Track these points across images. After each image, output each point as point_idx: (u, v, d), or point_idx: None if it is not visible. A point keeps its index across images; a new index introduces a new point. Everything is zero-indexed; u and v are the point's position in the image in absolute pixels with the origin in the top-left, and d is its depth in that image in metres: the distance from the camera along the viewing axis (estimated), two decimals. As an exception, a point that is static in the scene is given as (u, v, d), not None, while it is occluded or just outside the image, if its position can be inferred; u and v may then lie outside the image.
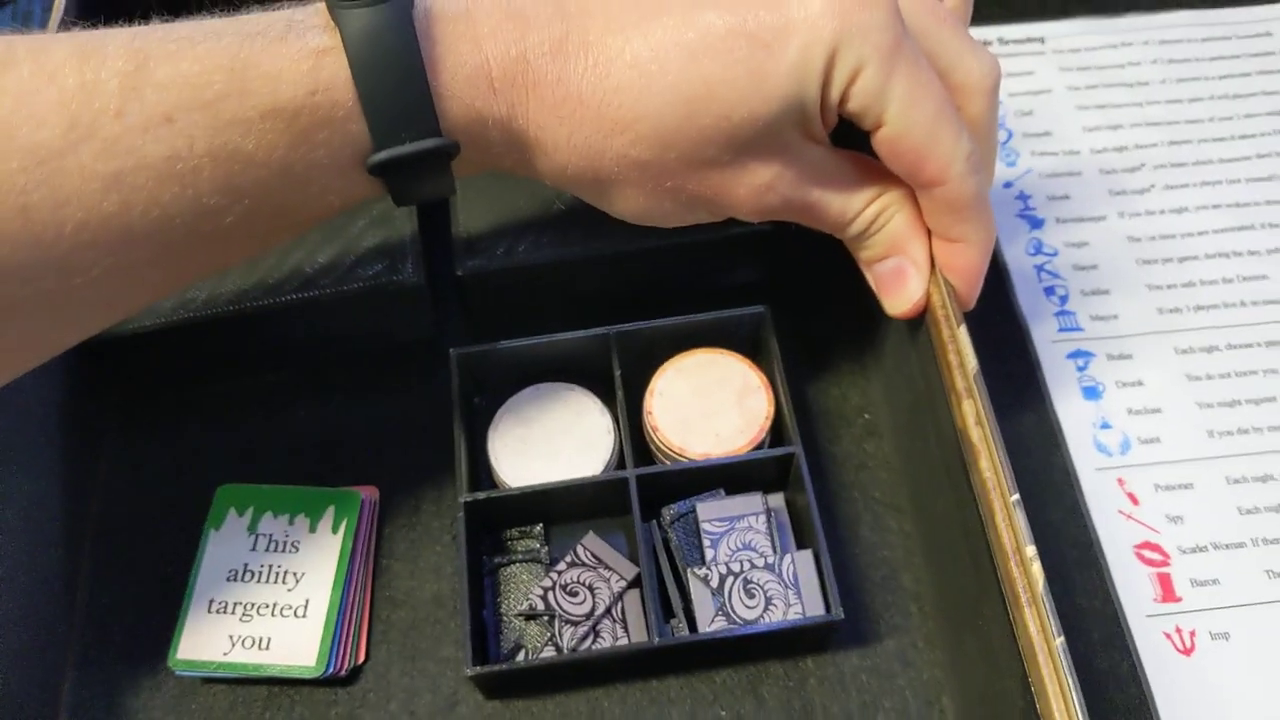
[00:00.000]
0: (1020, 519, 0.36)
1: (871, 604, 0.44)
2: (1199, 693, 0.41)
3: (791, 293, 0.52)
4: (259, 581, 0.44)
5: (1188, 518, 0.45)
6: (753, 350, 0.49)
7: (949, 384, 0.39)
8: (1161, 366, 0.49)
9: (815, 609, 0.41)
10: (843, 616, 0.40)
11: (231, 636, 0.42)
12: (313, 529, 0.45)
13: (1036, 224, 0.54)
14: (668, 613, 0.43)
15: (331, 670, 0.42)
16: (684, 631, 0.42)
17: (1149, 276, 0.52)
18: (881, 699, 0.42)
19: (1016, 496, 0.36)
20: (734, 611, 0.41)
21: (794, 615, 0.41)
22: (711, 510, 0.44)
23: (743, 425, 0.45)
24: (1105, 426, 0.48)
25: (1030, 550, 0.35)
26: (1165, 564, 0.44)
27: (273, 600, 0.43)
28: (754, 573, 0.42)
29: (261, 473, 0.48)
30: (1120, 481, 0.46)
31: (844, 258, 0.42)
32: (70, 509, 0.46)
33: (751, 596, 0.41)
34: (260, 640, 0.42)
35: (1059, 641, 0.33)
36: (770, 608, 0.41)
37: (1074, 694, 0.33)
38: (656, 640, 0.40)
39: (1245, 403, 0.48)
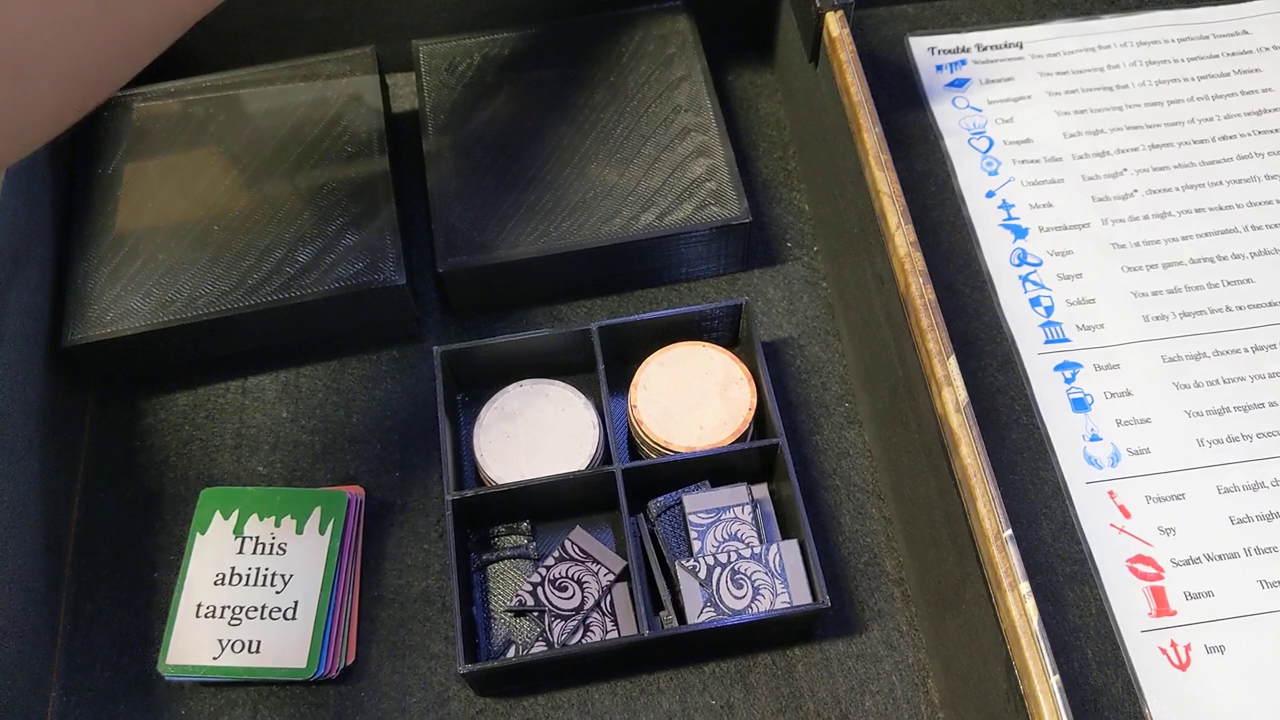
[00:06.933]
0: (999, 504, 0.37)
1: (856, 590, 0.45)
2: (1196, 708, 0.41)
3: (769, 280, 0.52)
4: (247, 584, 0.43)
5: (1180, 529, 0.45)
6: (734, 342, 0.49)
7: (929, 373, 0.40)
8: (1149, 375, 0.48)
9: (802, 597, 0.42)
10: (829, 604, 0.41)
11: (221, 640, 0.42)
12: (299, 530, 0.45)
13: (1020, 233, 0.53)
14: (656, 605, 0.43)
15: (322, 671, 0.42)
16: (673, 623, 0.42)
17: (1134, 284, 0.51)
18: (868, 683, 0.43)
19: (996, 484, 0.37)
20: (722, 602, 0.42)
21: (781, 604, 0.41)
22: (698, 502, 0.44)
23: (726, 417, 0.45)
24: (1095, 439, 0.47)
25: (1008, 532, 0.36)
26: (1159, 577, 0.44)
27: (261, 603, 0.43)
28: (741, 563, 0.42)
29: (245, 475, 0.48)
30: (1111, 494, 0.46)
31: (825, 245, 0.42)
32: (51, 516, 0.45)
33: (739, 587, 0.42)
34: (250, 643, 0.42)
35: (1036, 617, 0.34)
36: (758, 597, 0.42)
37: (1056, 685, 0.34)
38: (646, 632, 0.40)
39: (1234, 410, 0.47)
